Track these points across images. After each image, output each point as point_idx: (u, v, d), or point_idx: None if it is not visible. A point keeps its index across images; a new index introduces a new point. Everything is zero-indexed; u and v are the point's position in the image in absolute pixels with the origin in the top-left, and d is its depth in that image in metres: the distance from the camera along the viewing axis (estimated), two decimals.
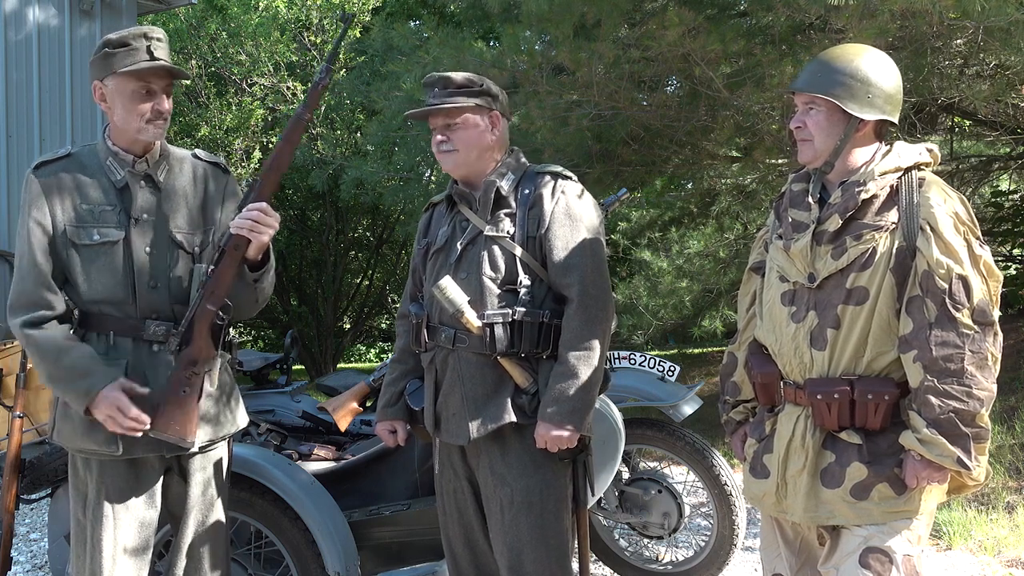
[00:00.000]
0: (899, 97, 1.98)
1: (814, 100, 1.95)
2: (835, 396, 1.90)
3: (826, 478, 1.93)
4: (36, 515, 4.75)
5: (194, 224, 2.32)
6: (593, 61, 4.53)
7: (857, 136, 1.96)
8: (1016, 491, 4.78)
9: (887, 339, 1.90)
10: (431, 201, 2.52)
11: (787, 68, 4.29)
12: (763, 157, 5.38)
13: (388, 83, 6.73)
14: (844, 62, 1.95)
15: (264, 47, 10.39)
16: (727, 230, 7.48)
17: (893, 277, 1.88)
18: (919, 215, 1.87)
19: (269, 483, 2.78)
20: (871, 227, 1.91)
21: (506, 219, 2.26)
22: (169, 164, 2.34)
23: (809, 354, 1.95)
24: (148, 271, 2.23)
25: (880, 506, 1.89)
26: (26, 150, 6.71)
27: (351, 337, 14.38)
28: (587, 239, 2.24)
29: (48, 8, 6.91)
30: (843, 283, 1.92)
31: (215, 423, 2.32)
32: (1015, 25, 3.56)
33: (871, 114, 1.93)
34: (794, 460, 1.97)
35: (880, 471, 1.89)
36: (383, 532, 2.98)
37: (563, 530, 2.26)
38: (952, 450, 1.81)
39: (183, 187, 2.34)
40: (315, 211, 12.27)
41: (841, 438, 1.93)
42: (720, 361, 2.49)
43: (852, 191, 1.93)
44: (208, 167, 2.41)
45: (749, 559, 4.01)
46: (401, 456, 3.13)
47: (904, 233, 1.87)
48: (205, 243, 2.32)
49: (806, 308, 1.97)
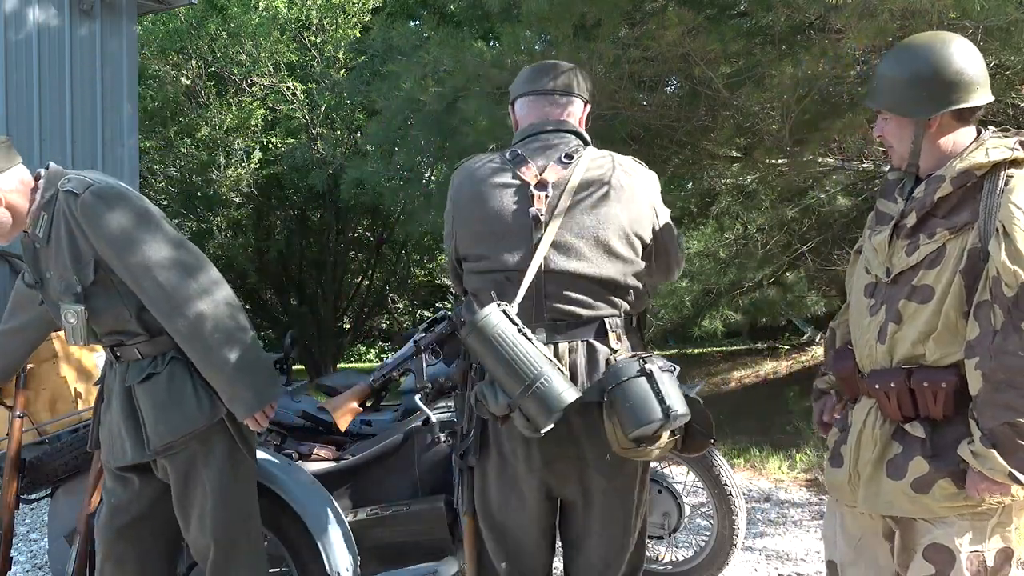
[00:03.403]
0: (966, 78, 1.89)
1: (881, 111, 1.99)
2: (892, 385, 1.89)
3: (890, 469, 1.92)
4: (36, 515, 4.75)
5: (71, 268, 2.34)
6: (593, 61, 4.53)
7: (931, 132, 1.93)
8: None
9: (953, 340, 1.85)
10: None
11: (787, 68, 4.29)
12: (763, 157, 5.38)
13: (388, 83, 6.72)
14: (896, 67, 1.95)
15: (264, 47, 10.39)
16: (727, 230, 7.47)
17: (963, 279, 1.83)
18: (996, 216, 1.80)
19: (269, 483, 2.78)
20: (945, 225, 1.87)
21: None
22: (48, 216, 2.36)
23: (875, 347, 1.95)
24: (65, 324, 2.38)
25: (941, 502, 1.85)
26: (26, 150, 6.71)
27: (351, 337, 14.38)
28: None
29: (48, 8, 6.91)
30: (911, 280, 1.90)
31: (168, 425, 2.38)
32: (1015, 25, 3.57)
33: (932, 110, 1.90)
34: (864, 450, 1.97)
35: (942, 466, 1.84)
36: (383, 532, 2.98)
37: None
38: (1003, 464, 1.75)
39: (56, 237, 2.36)
40: (315, 211, 12.27)
41: (907, 430, 1.90)
42: (720, 361, 2.51)
43: (932, 187, 1.90)
44: (64, 200, 2.33)
45: (749, 559, 4.01)
46: (401, 456, 3.13)
47: (980, 234, 1.82)
48: (87, 278, 2.32)
49: (880, 302, 1.96)
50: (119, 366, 2.43)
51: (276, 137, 11.09)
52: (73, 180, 2.32)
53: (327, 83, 10.75)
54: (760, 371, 9.62)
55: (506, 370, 1.96)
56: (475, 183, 2.23)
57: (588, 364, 2.13)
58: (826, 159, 5.35)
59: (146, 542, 2.49)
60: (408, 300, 15.94)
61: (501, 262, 2.15)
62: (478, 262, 2.20)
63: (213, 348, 2.29)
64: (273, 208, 12.10)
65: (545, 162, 2.22)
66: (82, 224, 2.28)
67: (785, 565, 3.96)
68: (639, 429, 1.99)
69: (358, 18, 10.83)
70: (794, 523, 4.60)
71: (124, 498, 2.47)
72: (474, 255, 2.21)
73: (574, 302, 2.14)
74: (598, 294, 2.15)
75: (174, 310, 2.28)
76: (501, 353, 1.97)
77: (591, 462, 2.15)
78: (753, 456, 6.05)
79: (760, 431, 6.87)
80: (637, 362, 2.03)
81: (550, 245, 2.12)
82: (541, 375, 1.94)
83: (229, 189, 10.54)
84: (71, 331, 2.34)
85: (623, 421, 2.00)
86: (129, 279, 2.30)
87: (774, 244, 6.84)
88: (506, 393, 1.98)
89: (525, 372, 1.94)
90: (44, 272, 2.40)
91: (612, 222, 2.16)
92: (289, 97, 10.70)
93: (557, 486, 2.20)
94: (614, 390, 2.01)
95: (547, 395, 1.94)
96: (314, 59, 10.95)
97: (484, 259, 2.18)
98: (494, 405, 2.01)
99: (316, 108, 10.78)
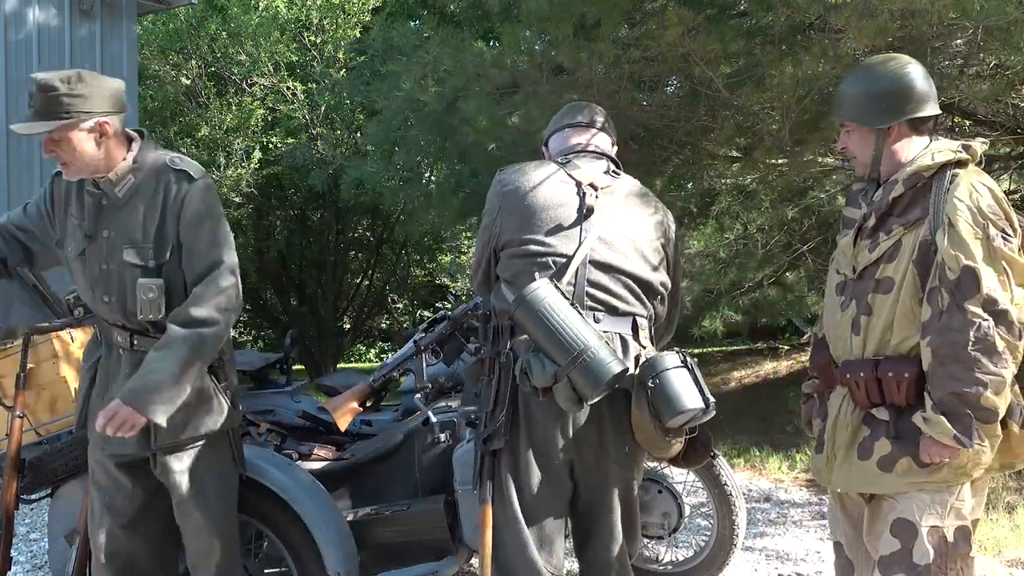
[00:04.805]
0: (916, 92, 2.13)
1: (845, 124, 2.21)
2: (861, 375, 2.08)
3: (860, 451, 2.11)
4: (36, 515, 4.75)
5: (149, 239, 2.35)
6: (593, 61, 4.52)
7: (889, 140, 2.15)
8: (1016, 491, 4.79)
9: (911, 325, 2.05)
10: None
11: (787, 68, 4.28)
12: (763, 157, 5.37)
13: (388, 83, 6.72)
14: (855, 83, 2.18)
15: (264, 47, 10.38)
16: (727, 230, 7.46)
17: (915, 268, 2.04)
18: (943, 211, 2.02)
19: (269, 483, 2.78)
20: (900, 222, 2.08)
21: None
22: (135, 179, 2.37)
23: (850, 339, 2.14)
24: (102, 286, 2.37)
25: (903, 478, 2.04)
26: (26, 151, 6.71)
27: (351, 337, 14.37)
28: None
29: (48, 8, 6.91)
30: (874, 274, 2.10)
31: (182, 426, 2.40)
32: (1015, 25, 3.56)
33: (890, 120, 2.12)
34: (839, 435, 2.17)
35: (903, 446, 2.04)
36: (383, 532, 2.98)
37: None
38: (949, 428, 1.94)
39: (143, 201, 2.37)
40: (315, 211, 12.27)
41: (874, 415, 2.10)
42: (720, 361, 2.62)
43: (887, 190, 2.12)
44: (173, 176, 2.39)
45: (749, 559, 4.01)
46: (401, 456, 3.13)
47: (930, 227, 2.03)
48: (162, 256, 2.35)
49: (850, 298, 2.16)
50: (128, 355, 2.42)
51: (276, 137, 11.08)
52: (186, 162, 2.39)
53: (327, 83, 10.75)
54: (760, 371, 9.62)
55: (554, 341, 2.09)
56: (528, 175, 2.39)
57: (622, 356, 2.24)
58: (826, 159, 5.35)
59: (152, 541, 2.51)
60: (408, 300, 15.94)
61: (549, 246, 2.28)
62: (523, 246, 2.31)
63: (190, 353, 2.30)
64: (273, 208, 12.10)
65: (593, 171, 2.41)
66: (185, 207, 2.33)
67: (785, 565, 3.96)
68: (679, 416, 2.15)
69: (358, 18, 10.81)
70: (794, 523, 4.60)
71: (117, 497, 2.47)
72: (519, 240, 2.32)
73: (613, 294, 2.29)
74: (633, 291, 2.32)
75: (201, 304, 2.32)
76: (550, 325, 2.10)
77: (611, 451, 2.28)
78: (753, 456, 6.05)
79: (760, 431, 6.87)
80: (677, 354, 2.21)
81: (597, 238, 2.28)
82: (589, 347, 2.08)
83: (229, 189, 10.52)
84: (147, 304, 2.33)
85: (664, 407, 2.14)
86: (193, 268, 2.34)
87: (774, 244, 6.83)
88: (554, 362, 2.09)
89: (574, 343, 2.08)
90: (101, 230, 2.38)
91: (648, 234, 2.37)
92: (289, 97, 10.69)
93: (580, 472, 2.30)
94: (658, 377, 2.15)
95: (595, 366, 2.07)
96: (314, 59, 10.94)
97: (531, 243, 2.30)
98: (540, 375, 2.12)
99: (316, 108, 10.78)
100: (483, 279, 2.46)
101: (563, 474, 2.29)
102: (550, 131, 2.61)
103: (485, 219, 2.43)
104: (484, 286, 2.47)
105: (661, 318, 2.48)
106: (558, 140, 2.57)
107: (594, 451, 2.28)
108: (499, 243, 2.37)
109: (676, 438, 2.25)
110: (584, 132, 2.53)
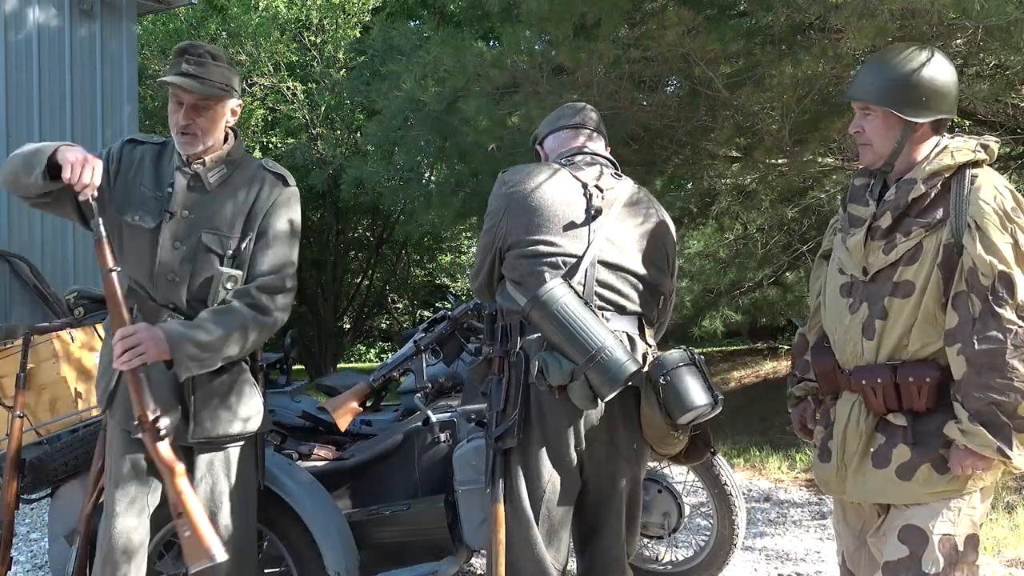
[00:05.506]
0: (954, 94, 2.04)
1: (869, 106, 2.03)
2: (878, 381, 1.98)
3: (876, 459, 2.01)
4: (36, 515, 4.75)
5: (231, 229, 2.39)
6: (593, 61, 4.52)
7: (915, 136, 2.02)
8: (1016, 491, 4.79)
9: (932, 331, 1.96)
10: None
11: (787, 68, 4.28)
12: (763, 157, 5.37)
13: (388, 83, 6.72)
14: (896, 67, 2.00)
15: (264, 47, 10.39)
16: (727, 230, 7.47)
17: (940, 272, 1.94)
18: (967, 212, 1.92)
19: (269, 483, 2.78)
20: (920, 223, 1.97)
21: None
22: (228, 170, 2.43)
23: (861, 344, 2.03)
24: (170, 264, 2.36)
25: (924, 487, 1.95)
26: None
27: (351, 337, 14.38)
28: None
29: (48, 8, 6.91)
30: (892, 276, 1.99)
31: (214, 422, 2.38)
32: (1015, 25, 3.56)
33: (926, 116, 2.00)
34: (850, 443, 2.06)
35: (923, 453, 1.95)
36: (383, 532, 2.98)
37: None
38: (991, 440, 1.85)
39: (232, 193, 2.41)
40: (315, 211, 12.26)
41: (890, 421, 2.00)
42: (720, 361, 2.58)
43: (905, 189, 2.00)
44: (269, 177, 2.48)
45: (749, 559, 4.01)
46: (401, 456, 3.13)
47: (952, 230, 1.93)
48: (238, 248, 2.39)
49: (860, 300, 2.04)
50: None
51: (276, 137, 11.09)
52: (279, 167, 2.51)
53: (327, 83, 10.75)
54: (760, 371, 9.61)
55: (571, 340, 2.13)
56: (534, 176, 2.40)
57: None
58: (826, 159, 5.35)
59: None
60: (408, 300, 15.94)
61: (559, 246, 2.30)
62: (532, 246, 2.32)
63: (242, 331, 2.32)
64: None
65: (597, 173, 2.43)
66: (276, 206, 2.42)
67: (785, 565, 3.96)
68: (689, 412, 2.17)
69: (358, 18, 10.83)
70: (794, 523, 4.60)
71: (137, 486, 2.38)
72: (527, 240, 2.33)
73: (621, 294, 2.32)
74: (639, 291, 2.35)
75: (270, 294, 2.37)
76: (567, 324, 2.14)
77: (621, 448, 2.31)
78: (753, 456, 6.05)
79: (760, 431, 6.87)
80: (686, 352, 2.24)
81: (604, 238, 2.31)
82: (606, 346, 2.12)
83: None
84: (222, 295, 2.35)
85: (675, 404, 2.17)
86: (267, 259, 2.39)
87: (774, 244, 6.84)
88: (571, 361, 2.13)
89: (591, 342, 2.12)
90: (182, 210, 2.38)
91: (651, 237, 2.40)
92: (289, 97, 10.70)
93: (590, 469, 2.32)
94: (669, 374, 2.18)
95: (612, 365, 2.12)
96: (314, 59, 10.95)
97: (540, 243, 2.32)
98: (557, 374, 2.15)
99: (316, 108, 10.79)
100: (485, 282, 2.46)
101: (574, 471, 2.30)
102: (545, 132, 2.61)
103: (488, 221, 2.43)
104: (485, 289, 2.48)
105: (656, 320, 2.50)
106: (555, 141, 2.57)
107: (604, 448, 2.30)
108: (505, 244, 2.38)
109: (682, 434, 2.29)
110: (582, 134, 2.55)
